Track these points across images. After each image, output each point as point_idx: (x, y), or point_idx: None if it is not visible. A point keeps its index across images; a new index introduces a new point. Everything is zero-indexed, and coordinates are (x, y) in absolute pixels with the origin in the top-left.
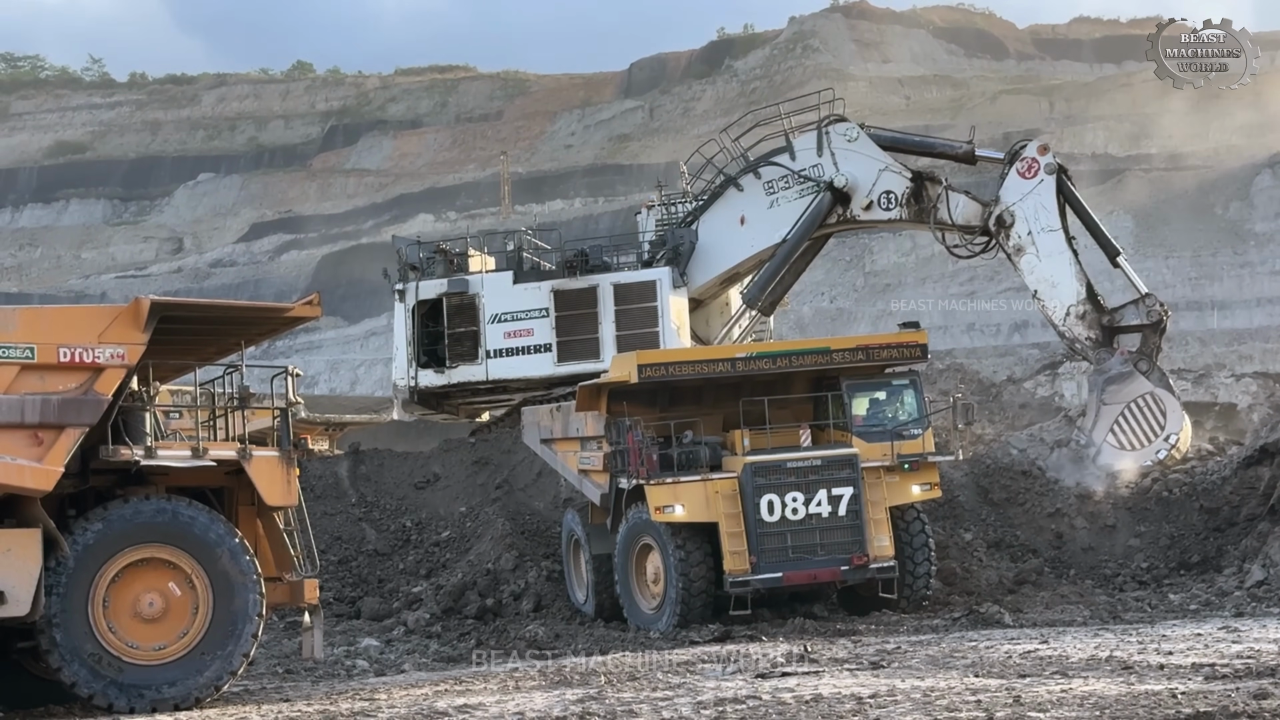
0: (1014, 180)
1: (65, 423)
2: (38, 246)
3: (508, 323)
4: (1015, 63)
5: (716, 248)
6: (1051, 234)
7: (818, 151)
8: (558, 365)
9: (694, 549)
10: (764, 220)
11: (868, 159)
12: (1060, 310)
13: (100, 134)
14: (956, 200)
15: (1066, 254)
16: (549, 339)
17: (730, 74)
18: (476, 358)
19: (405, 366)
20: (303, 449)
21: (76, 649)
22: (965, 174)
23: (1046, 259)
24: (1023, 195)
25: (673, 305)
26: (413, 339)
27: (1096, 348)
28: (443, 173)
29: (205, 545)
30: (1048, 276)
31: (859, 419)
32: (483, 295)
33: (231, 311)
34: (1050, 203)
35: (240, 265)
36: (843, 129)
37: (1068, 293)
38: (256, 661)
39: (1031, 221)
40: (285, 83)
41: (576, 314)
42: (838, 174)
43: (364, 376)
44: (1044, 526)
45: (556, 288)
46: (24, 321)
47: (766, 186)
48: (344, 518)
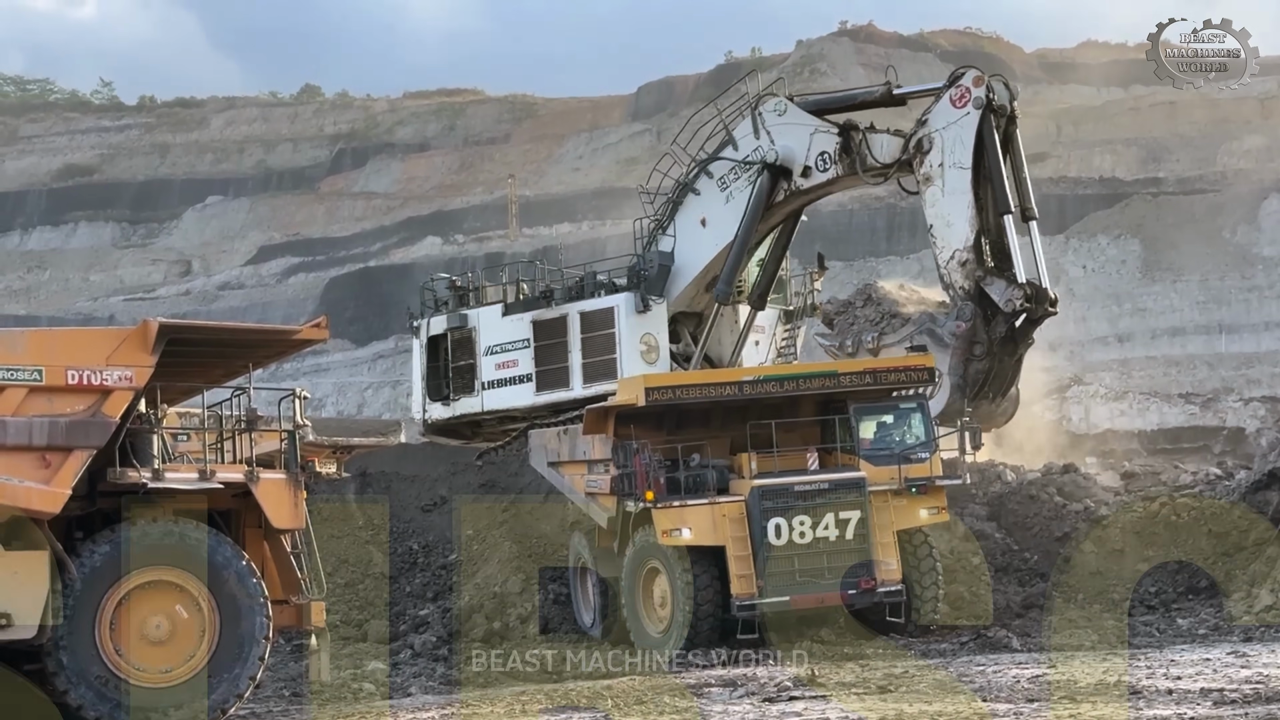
0: (944, 106)
1: (73, 445)
2: (46, 269)
3: (498, 354)
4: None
5: (686, 255)
6: (960, 171)
7: (755, 134)
8: (536, 395)
9: (701, 572)
10: (723, 216)
11: (798, 127)
12: (947, 252)
13: (109, 157)
14: (878, 141)
15: (967, 195)
16: (530, 369)
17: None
18: (473, 390)
19: (420, 400)
20: (310, 471)
21: (83, 672)
22: None
23: (949, 195)
24: (947, 124)
25: (635, 330)
26: (424, 373)
27: (964, 300)
28: (450, 196)
29: (212, 568)
30: (945, 214)
31: (866, 442)
32: (478, 328)
33: (239, 334)
34: (969, 139)
35: (248, 288)
36: (771, 105)
37: (957, 236)
38: (263, 684)
39: (946, 153)
40: (294, 105)
41: (551, 343)
42: (770, 149)
43: (371, 399)
44: (1052, 550)
45: (535, 318)
46: (32, 344)
47: (720, 183)
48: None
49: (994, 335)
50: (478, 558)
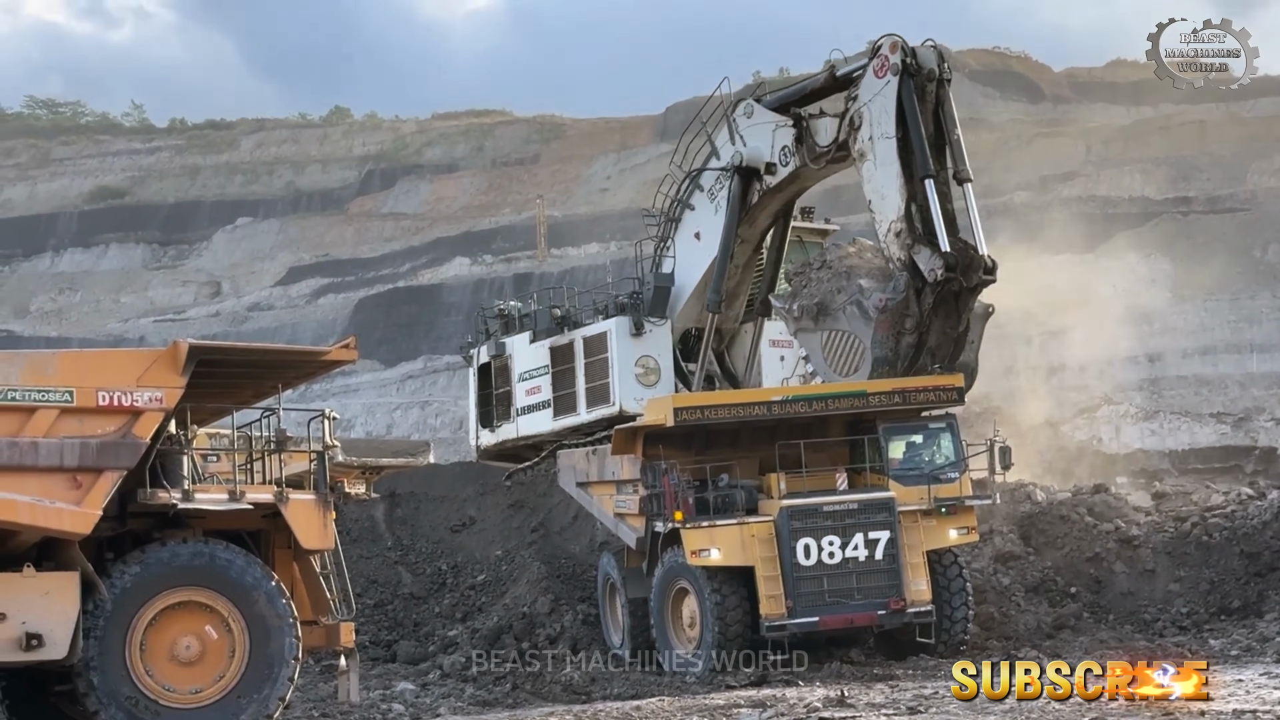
0: (869, 79)
1: (104, 466)
2: (77, 290)
3: (527, 380)
4: (1051, 105)
5: (686, 272)
6: (887, 141)
7: (731, 140)
8: (553, 421)
9: (730, 593)
10: (714, 227)
11: (763, 126)
12: (884, 225)
13: (140, 179)
14: (819, 125)
15: (895, 165)
16: (550, 395)
17: None
18: (510, 416)
19: (474, 427)
20: (339, 492)
21: (114, 692)
22: None
23: (880, 167)
24: (872, 95)
25: (630, 353)
26: (477, 400)
27: (903, 271)
28: (479, 216)
29: (242, 588)
30: (879, 187)
31: (895, 462)
32: (513, 355)
33: (269, 355)
34: (891, 107)
35: (278, 309)
36: (741, 109)
37: (890, 207)
38: (293, 705)
39: (874, 125)
40: (323, 127)
41: (563, 369)
42: (739, 151)
43: (400, 420)
44: (1083, 570)
45: (551, 345)
46: (63, 365)
47: (709, 194)
48: (380, 561)
49: (924, 306)
50: (506, 578)
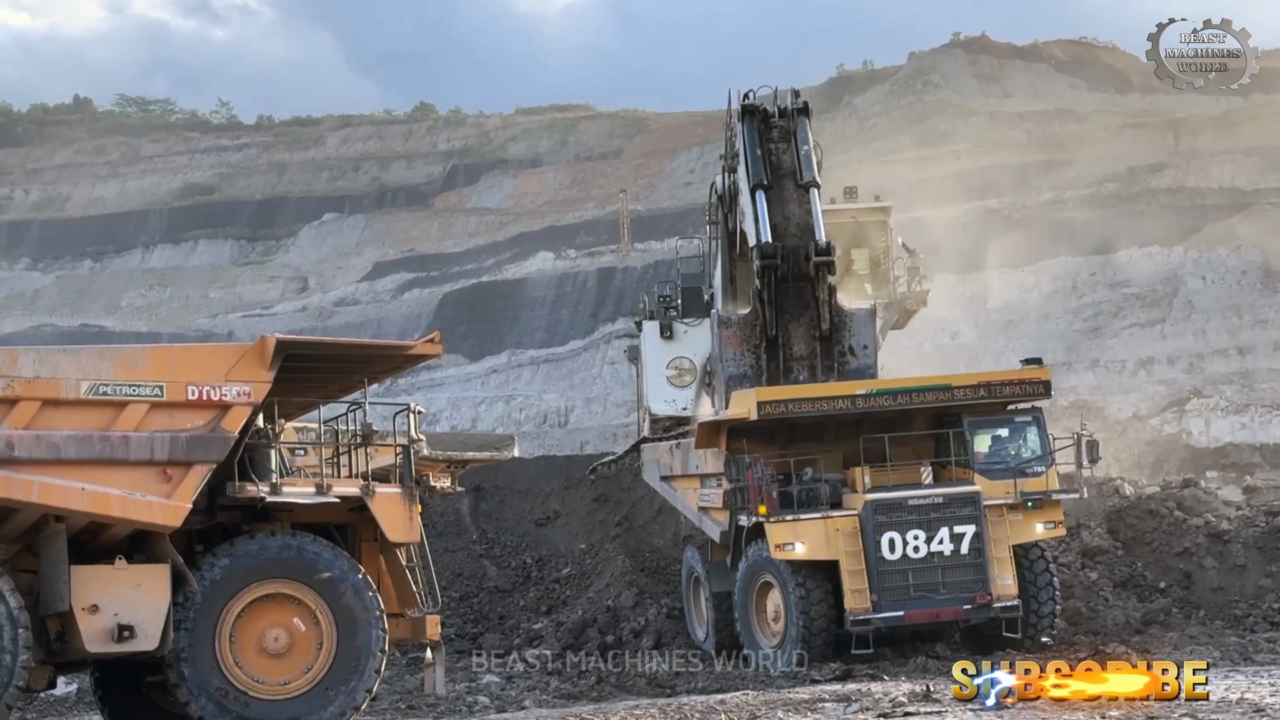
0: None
1: (193, 460)
2: (167, 286)
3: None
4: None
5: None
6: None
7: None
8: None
9: (814, 587)
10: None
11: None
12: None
13: (228, 175)
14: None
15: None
16: None
17: (850, 110)
18: None
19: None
20: (424, 486)
21: (204, 683)
22: None
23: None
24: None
25: (661, 356)
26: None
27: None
28: (563, 211)
29: (329, 581)
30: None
31: (981, 456)
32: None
33: (355, 349)
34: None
35: (363, 304)
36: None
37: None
38: (379, 697)
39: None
40: (408, 123)
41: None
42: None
43: (485, 414)
44: (1172, 566)
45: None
46: (153, 360)
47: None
48: (465, 554)
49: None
50: (591, 571)
